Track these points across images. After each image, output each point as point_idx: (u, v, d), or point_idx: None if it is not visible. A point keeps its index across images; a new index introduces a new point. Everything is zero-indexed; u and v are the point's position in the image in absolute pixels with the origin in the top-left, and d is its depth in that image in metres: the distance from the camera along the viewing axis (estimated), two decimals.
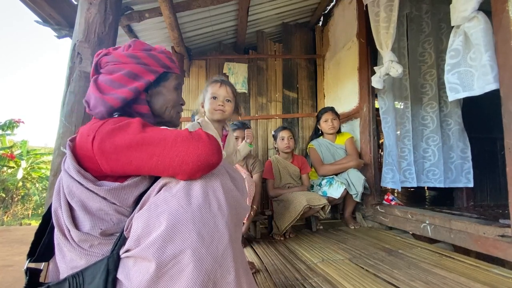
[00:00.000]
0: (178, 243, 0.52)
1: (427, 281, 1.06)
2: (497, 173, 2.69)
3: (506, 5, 1.14)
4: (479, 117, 2.59)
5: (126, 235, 0.58)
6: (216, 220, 0.56)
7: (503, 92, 1.17)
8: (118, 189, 0.61)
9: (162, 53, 0.81)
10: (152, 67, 0.76)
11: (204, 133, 0.62)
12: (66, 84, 1.23)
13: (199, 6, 2.23)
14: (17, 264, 1.97)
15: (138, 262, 0.54)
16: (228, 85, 1.23)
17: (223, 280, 0.54)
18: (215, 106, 1.20)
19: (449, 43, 1.41)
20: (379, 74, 1.88)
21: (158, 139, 0.59)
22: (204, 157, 0.58)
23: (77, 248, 0.58)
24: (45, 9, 1.64)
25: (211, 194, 0.59)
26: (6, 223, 5.66)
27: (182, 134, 0.60)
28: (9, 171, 6.16)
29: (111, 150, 0.59)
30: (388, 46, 1.79)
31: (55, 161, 1.15)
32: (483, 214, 1.98)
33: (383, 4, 1.81)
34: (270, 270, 1.28)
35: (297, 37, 3.26)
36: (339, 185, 2.02)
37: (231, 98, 1.24)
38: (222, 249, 0.55)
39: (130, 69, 0.72)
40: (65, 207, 0.60)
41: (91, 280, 0.55)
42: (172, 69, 0.82)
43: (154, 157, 0.58)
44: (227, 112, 1.23)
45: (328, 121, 2.30)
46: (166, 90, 0.80)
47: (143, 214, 0.56)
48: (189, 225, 0.53)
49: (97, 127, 0.61)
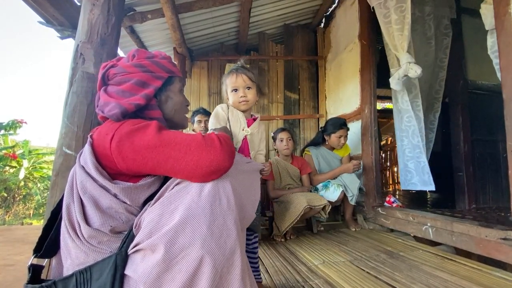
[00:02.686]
0: (188, 234, 0.54)
1: (428, 284, 1.05)
2: (499, 176, 2.68)
3: (508, 8, 1.14)
4: (482, 119, 2.58)
5: (134, 232, 0.60)
6: (225, 216, 0.59)
7: (506, 95, 1.17)
8: (131, 189, 0.63)
9: (164, 58, 0.83)
10: (158, 73, 0.79)
11: (216, 137, 0.66)
12: (68, 84, 1.23)
13: (201, 7, 2.24)
14: (18, 263, 1.98)
15: (147, 256, 0.55)
16: (243, 73, 1.18)
17: (229, 274, 0.56)
18: (238, 99, 1.17)
19: (489, 45, 1.49)
20: (397, 76, 1.87)
21: (174, 142, 0.62)
22: (217, 163, 0.62)
23: (85, 244, 0.60)
24: (48, 10, 1.65)
25: (222, 192, 0.62)
26: (8, 223, 5.69)
27: (196, 138, 0.64)
28: (11, 170, 6.20)
29: (129, 150, 0.61)
30: (404, 48, 1.79)
31: (57, 161, 1.16)
32: (485, 216, 1.97)
33: (393, 6, 1.80)
34: (270, 271, 1.28)
35: (298, 38, 3.27)
36: (336, 188, 2.01)
37: (251, 84, 1.18)
38: (230, 244, 0.57)
39: (138, 77, 0.75)
40: (77, 202, 0.62)
41: (98, 276, 0.56)
42: (175, 72, 0.84)
43: (170, 159, 0.62)
44: (251, 100, 1.19)
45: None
46: (173, 94, 0.83)
47: (157, 208, 0.59)
48: (200, 218, 0.56)
49: (116, 127, 0.64)
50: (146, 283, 0.52)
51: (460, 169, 2.45)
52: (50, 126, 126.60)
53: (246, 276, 0.60)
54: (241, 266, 0.58)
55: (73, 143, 1.14)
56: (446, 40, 2.34)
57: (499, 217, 1.95)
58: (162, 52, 0.87)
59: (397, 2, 1.79)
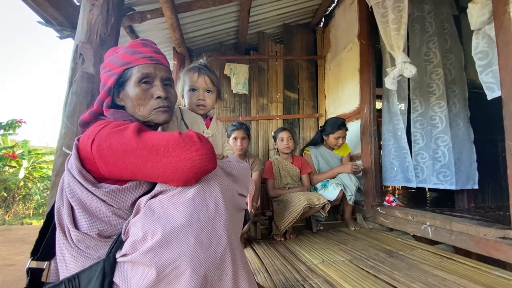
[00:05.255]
0: (175, 249, 0.51)
1: (427, 283, 1.06)
2: (498, 175, 2.68)
3: (507, 7, 1.15)
4: (481, 118, 2.58)
5: (123, 238, 0.57)
6: (214, 222, 0.56)
7: (505, 94, 1.17)
8: (116, 192, 0.60)
9: (125, 49, 0.75)
10: (112, 70, 0.74)
11: (195, 135, 0.60)
12: (68, 85, 1.23)
13: (200, 7, 2.24)
14: (18, 263, 1.98)
15: (136, 266, 0.53)
16: (206, 74, 1.07)
17: (220, 281, 0.54)
18: (195, 101, 1.06)
19: (473, 46, 1.45)
20: (392, 75, 1.87)
21: (151, 145, 0.57)
22: (199, 163, 0.57)
23: (74, 248, 0.58)
24: (48, 10, 1.65)
25: (208, 196, 0.58)
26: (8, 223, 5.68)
27: (173, 138, 0.58)
28: (10, 170, 6.20)
29: (108, 154, 0.58)
30: (400, 47, 1.79)
31: (57, 161, 1.16)
32: (484, 216, 1.98)
33: (391, 6, 1.81)
34: (270, 270, 1.28)
35: (298, 38, 3.26)
36: (335, 187, 2.02)
37: (212, 88, 1.08)
38: (221, 251, 0.55)
39: (101, 81, 0.75)
40: (66, 206, 0.61)
41: (87, 283, 0.54)
42: (132, 62, 0.73)
43: (148, 163, 0.57)
44: (209, 106, 1.09)
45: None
46: (129, 88, 0.73)
47: (139, 220, 0.55)
48: (186, 230, 0.53)
49: (97, 130, 0.61)
50: None
51: None
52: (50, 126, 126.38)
53: (239, 278, 0.58)
54: (232, 271, 0.56)
55: (72, 144, 1.15)
56: (449, 38, 2.34)
57: (498, 216, 1.95)
58: (136, 40, 0.79)
59: (394, 2, 1.79)
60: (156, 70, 0.75)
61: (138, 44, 0.76)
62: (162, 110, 0.75)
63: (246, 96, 3.10)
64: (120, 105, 0.77)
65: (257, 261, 1.43)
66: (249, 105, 3.12)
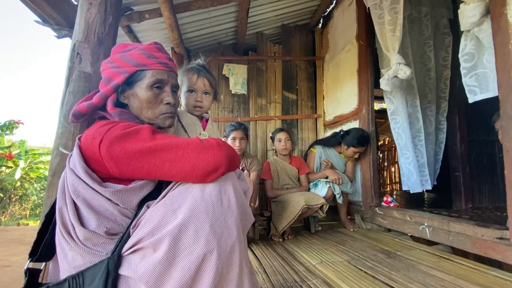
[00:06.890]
0: (192, 232, 0.54)
1: (425, 283, 1.06)
2: (495, 176, 2.70)
3: (505, 9, 1.15)
4: (478, 119, 2.60)
5: (131, 233, 0.59)
6: (226, 216, 0.59)
7: (501, 95, 1.17)
8: (122, 191, 0.62)
9: (140, 50, 0.75)
10: (122, 68, 0.73)
11: (215, 141, 0.64)
12: (65, 84, 1.22)
13: (199, 7, 2.24)
14: (14, 264, 1.96)
15: (147, 255, 0.54)
16: (205, 76, 1.08)
17: (228, 273, 0.56)
18: (192, 102, 1.08)
19: (461, 47, 1.43)
20: (387, 76, 1.87)
21: (170, 146, 0.61)
22: (214, 163, 0.60)
23: (81, 246, 0.59)
24: (45, 9, 1.63)
25: (223, 193, 0.62)
26: (4, 223, 5.64)
27: (194, 141, 0.63)
28: (7, 171, 6.14)
29: (121, 155, 0.60)
30: (395, 48, 1.80)
31: (53, 161, 1.15)
32: (481, 216, 1.99)
33: (387, 7, 1.81)
34: (268, 271, 1.27)
35: (296, 38, 3.27)
36: (324, 185, 2.04)
37: (210, 90, 1.10)
38: (231, 244, 0.57)
39: (106, 75, 0.74)
40: (70, 205, 0.61)
41: (91, 281, 0.55)
42: (148, 65, 0.74)
43: (166, 163, 0.60)
44: (206, 107, 1.11)
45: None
46: (139, 90, 0.74)
47: (160, 207, 0.59)
48: (203, 216, 0.56)
49: (104, 131, 0.62)
50: (148, 282, 0.51)
51: (457, 169, 2.46)
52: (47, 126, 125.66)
53: (244, 276, 0.59)
54: (239, 266, 0.58)
55: (70, 143, 1.13)
56: (447, 39, 2.35)
57: (495, 217, 1.96)
58: (151, 43, 0.79)
59: (391, 3, 1.80)
60: (169, 77, 0.78)
61: (154, 48, 0.78)
62: (168, 115, 0.79)
63: (244, 97, 3.10)
64: (123, 102, 0.77)
65: (255, 262, 1.42)
66: (247, 106, 3.11)
